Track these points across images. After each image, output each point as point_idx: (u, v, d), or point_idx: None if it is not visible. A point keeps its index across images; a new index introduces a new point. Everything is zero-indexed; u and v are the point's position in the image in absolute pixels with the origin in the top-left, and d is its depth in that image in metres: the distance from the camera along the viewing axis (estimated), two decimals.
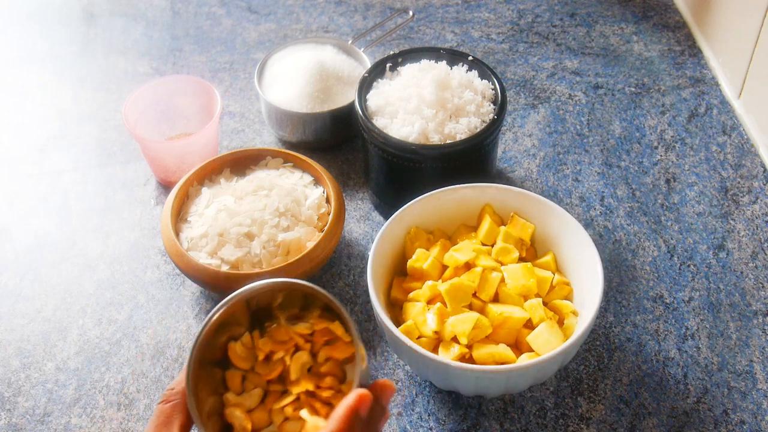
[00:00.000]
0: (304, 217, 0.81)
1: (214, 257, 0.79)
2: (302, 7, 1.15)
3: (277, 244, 0.79)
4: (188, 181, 0.84)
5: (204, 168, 0.85)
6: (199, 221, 0.81)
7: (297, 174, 0.86)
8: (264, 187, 0.83)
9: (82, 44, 1.12)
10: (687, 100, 1.01)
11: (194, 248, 0.80)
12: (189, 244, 0.80)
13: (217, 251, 0.79)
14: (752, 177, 0.93)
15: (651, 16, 1.12)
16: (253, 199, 0.81)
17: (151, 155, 0.91)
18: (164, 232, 0.80)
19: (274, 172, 0.85)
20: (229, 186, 0.84)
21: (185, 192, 0.84)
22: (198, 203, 0.83)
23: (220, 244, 0.79)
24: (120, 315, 0.83)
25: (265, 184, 0.83)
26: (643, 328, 0.81)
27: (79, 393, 0.78)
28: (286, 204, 0.81)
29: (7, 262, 0.88)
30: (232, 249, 0.79)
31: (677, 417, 0.74)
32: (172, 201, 0.82)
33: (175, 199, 0.82)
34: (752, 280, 0.84)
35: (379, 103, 0.85)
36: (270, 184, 0.83)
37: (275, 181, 0.83)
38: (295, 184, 0.84)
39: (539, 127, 0.99)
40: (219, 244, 0.79)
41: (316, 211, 0.82)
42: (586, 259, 0.74)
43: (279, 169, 0.86)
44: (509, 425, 0.74)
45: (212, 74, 1.06)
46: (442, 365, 0.67)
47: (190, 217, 0.82)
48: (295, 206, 0.81)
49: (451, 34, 1.10)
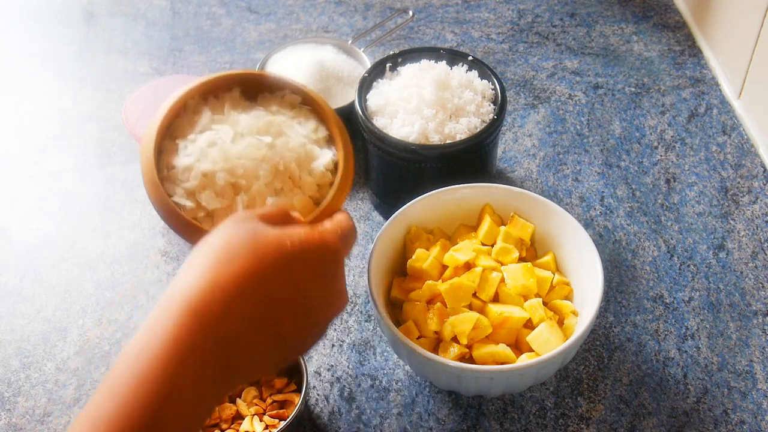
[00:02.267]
0: (303, 183, 0.68)
1: (190, 198, 0.65)
2: (302, 7, 1.15)
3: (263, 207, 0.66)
4: (190, 92, 0.69)
5: (212, 81, 0.70)
6: (187, 149, 0.67)
7: (311, 124, 0.70)
8: (270, 130, 0.68)
9: (82, 44, 1.12)
10: (687, 100, 1.01)
11: (171, 179, 0.66)
12: (168, 173, 0.66)
13: (195, 192, 0.66)
14: (752, 177, 0.93)
15: (651, 16, 1.12)
16: (252, 143, 0.67)
17: None
18: (144, 150, 0.66)
19: (287, 111, 0.70)
20: (232, 115, 0.69)
21: (182, 104, 0.69)
22: (194, 124, 0.68)
23: (202, 185, 0.65)
24: (120, 315, 0.83)
25: (273, 127, 0.68)
26: (643, 328, 0.81)
27: (79, 393, 0.78)
28: (287, 162, 0.67)
29: (7, 262, 0.88)
30: (213, 196, 0.65)
31: (677, 417, 0.74)
32: (163, 113, 0.67)
33: (168, 111, 0.67)
34: (752, 280, 0.84)
35: (379, 103, 0.85)
36: (278, 129, 0.68)
37: (284, 127, 0.69)
38: (307, 136, 0.69)
39: (539, 127, 0.99)
40: (201, 185, 0.65)
41: (318, 179, 0.68)
42: (586, 259, 0.74)
43: (294, 109, 0.71)
44: (509, 425, 0.74)
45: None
46: (442, 365, 0.67)
47: (180, 140, 0.67)
48: (296, 166, 0.67)
49: (451, 34, 1.11)
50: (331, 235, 0.56)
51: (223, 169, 0.66)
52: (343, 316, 0.82)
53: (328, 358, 0.79)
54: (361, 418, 0.75)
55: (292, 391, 0.72)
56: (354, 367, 0.78)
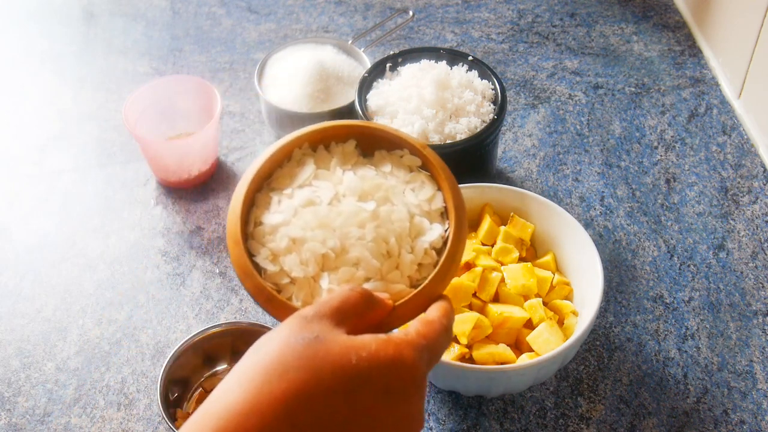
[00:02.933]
0: (401, 261, 0.58)
1: (274, 262, 0.58)
2: (302, 7, 1.15)
3: None
4: (299, 139, 0.62)
5: (325, 129, 0.62)
6: (281, 204, 0.60)
7: (428, 191, 0.61)
8: (375, 196, 0.59)
9: (82, 44, 1.12)
10: (687, 100, 1.01)
11: (257, 237, 0.59)
12: (254, 228, 0.60)
13: (280, 256, 0.58)
14: (752, 177, 0.93)
15: (651, 16, 1.12)
16: (353, 209, 0.59)
17: (151, 155, 0.91)
18: (234, 199, 0.60)
19: (403, 175, 0.62)
20: (337, 171, 0.61)
21: (288, 152, 0.62)
22: (294, 176, 0.61)
23: (288, 249, 0.58)
24: (120, 315, 0.83)
25: (379, 193, 0.60)
26: (643, 328, 0.81)
27: (79, 393, 0.78)
28: (388, 236, 0.58)
29: (7, 262, 0.88)
30: (297, 264, 0.58)
31: (677, 417, 0.74)
32: (264, 160, 0.61)
33: (270, 157, 0.61)
34: (752, 280, 0.84)
35: (379, 103, 0.85)
36: (384, 195, 0.60)
37: (392, 193, 0.60)
38: (418, 206, 0.60)
39: (539, 127, 0.99)
40: (286, 249, 0.58)
41: (423, 258, 0.59)
42: (586, 259, 0.74)
43: (412, 173, 0.62)
44: (509, 425, 0.74)
45: (212, 74, 1.06)
46: (442, 365, 0.67)
47: (274, 194, 0.60)
48: (397, 242, 0.58)
49: (451, 34, 1.11)
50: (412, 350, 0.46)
51: (314, 237, 0.58)
52: None
53: None
54: None
55: None
56: None
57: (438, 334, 0.50)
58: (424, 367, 0.47)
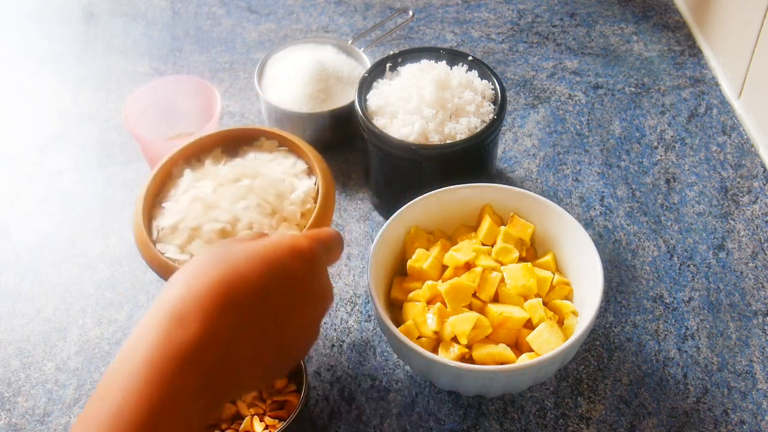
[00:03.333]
0: (286, 213, 0.73)
1: (183, 252, 0.71)
2: (302, 7, 1.15)
3: None
4: (173, 159, 0.77)
5: (193, 146, 0.78)
6: (174, 208, 0.73)
7: (290, 160, 0.78)
8: (247, 174, 0.74)
9: (82, 44, 1.12)
10: (687, 100, 1.01)
11: (164, 239, 0.72)
12: (159, 234, 0.73)
13: (186, 246, 0.72)
14: (752, 177, 0.93)
15: (651, 16, 1.12)
16: (233, 190, 0.73)
17: (151, 155, 0.91)
18: (135, 217, 0.73)
19: (266, 156, 0.78)
20: (212, 170, 0.76)
21: (167, 172, 0.76)
22: (178, 186, 0.75)
23: (190, 237, 0.72)
24: (120, 315, 0.83)
25: (249, 171, 0.75)
26: (643, 328, 0.81)
27: (79, 393, 0.78)
28: (268, 198, 0.73)
29: (7, 262, 0.88)
30: (203, 246, 0.71)
31: (677, 417, 0.75)
32: (149, 182, 0.74)
33: (153, 179, 0.74)
34: (752, 280, 0.84)
35: (379, 103, 0.85)
36: (254, 171, 0.75)
37: (260, 168, 0.75)
38: (285, 172, 0.76)
39: (539, 127, 0.99)
40: (189, 238, 0.72)
41: (300, 206, 0.74)
42: (586, 259, 0.74)
43: (272, 152, 0.78)
44: (509, 425, 0.74)
45: (212, 74, 1.06)
46: (442, 365, 0.67)
47: (166, 203, 0.74)
48: (277, 201, 0.73)
49: (451, 34, 1.11)
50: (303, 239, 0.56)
51: (209, 219, 0.71)
52: (343, 317, 0.82)
53: (328, 358, 0.79)
54: (361, 418, 0.75)
55: (292, 392, 0.72)
56: (354, 368, 0.78)
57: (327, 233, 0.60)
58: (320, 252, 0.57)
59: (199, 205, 0.72)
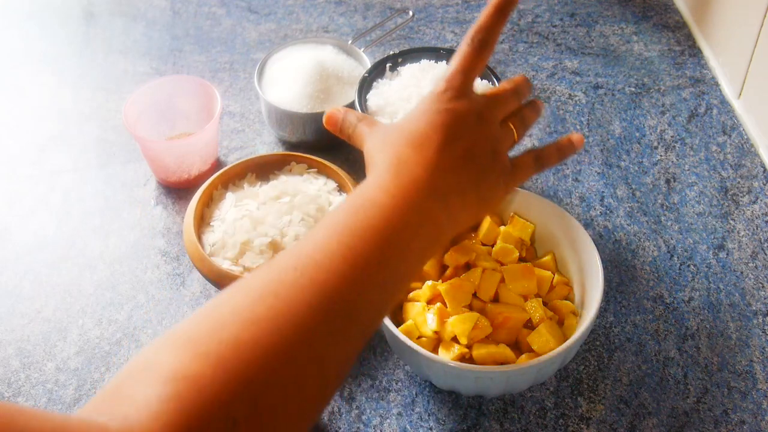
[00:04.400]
0: None
1: (236, 264, 0.78)
2: (302, 7, 1.15)
3: None
4: (212, 184, 0.83)
5: (228, 172, 0.84)
6: (222, 227, 0.80)
7: (321, 180, 0.84)
8: (288, 192, 0.81)
9: (82, 44, 1.12)
10: (687, 100, 1.01)
11: (216, 254, 0.79)
12: (211, 249, 0.79)
13: (239, 259, 0.78)
14: (752, 177, 0.93)
15: (651, 16, 1.12)
16: (276, 206, 0.80)
17: (151, 155, 0.91)
18: (187, 235, 0.79)
19: (298, 177, 0.84)
20: (252, 191, 0.83)
21: (209, 195, 0.83)
22: (221, 207, 0.82)
23: (242, 251, 0.78)
24: (120, 315, 0.83)
25: (289, 189, 0.82)
26: (643, 328, 0.81)
27: (79, 393, 0.78)
28: (310, 211, 0.80)
29: (7, 262, 0.88)
30: (255, 257, 0.77)
31: (677, 417, 0.74)
32: (195, 204, 0.81)
33: (198, 202, 0.81)
34: (752, 280, 0.84)
35: (379, 103, 0.85)
36: (294, 190, 0.82)
37: (299, 187, 0.82)
38: (319, 190, 0.83)
39: (539, 127, 0.99)
40: (241, 252, 0.78)
41: None
42: (586, 259, 0.74)
43: (303, 174, 0.85)
44: (509, 425, 0.74)
45: (212, 74, 1.06)
46: (442, 365, 0.67)
47: (213, 222, 0.81)
48: (319, 213, 0.80)
49: (451, 34, 1.10)
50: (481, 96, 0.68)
51: (258, 234, 0.78)
52: None
53: None
54: (361, 418, 0.75)
55: None
56: (354, 367, 0.78)
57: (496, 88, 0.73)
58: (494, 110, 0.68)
59: (247, 222, 0.79)
